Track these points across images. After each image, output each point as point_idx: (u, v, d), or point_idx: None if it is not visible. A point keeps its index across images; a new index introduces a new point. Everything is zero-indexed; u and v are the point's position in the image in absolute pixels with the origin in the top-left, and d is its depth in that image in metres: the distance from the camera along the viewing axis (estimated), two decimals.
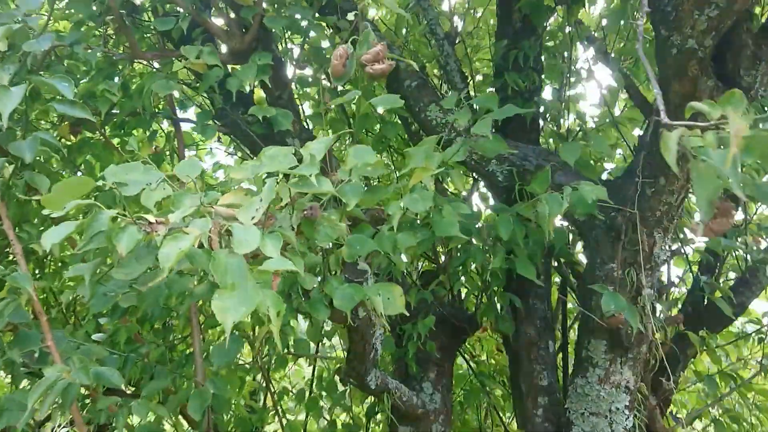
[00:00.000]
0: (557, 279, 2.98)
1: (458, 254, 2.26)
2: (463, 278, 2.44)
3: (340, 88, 2.44)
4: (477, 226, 1.96)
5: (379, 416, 2.95)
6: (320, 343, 3.17)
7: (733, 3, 1.61)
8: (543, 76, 2.75)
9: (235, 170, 1.43)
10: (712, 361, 2.90)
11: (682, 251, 2.56)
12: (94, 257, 1.47)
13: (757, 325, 2.85)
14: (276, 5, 2.36)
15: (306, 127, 2.64)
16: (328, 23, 2.49)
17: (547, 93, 3.02)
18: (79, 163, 2.93)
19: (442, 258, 2.90)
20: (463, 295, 2.88)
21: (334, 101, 1.43)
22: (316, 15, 2.51)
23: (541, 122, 2.74)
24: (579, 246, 2.75)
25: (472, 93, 2.78)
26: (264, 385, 2.81)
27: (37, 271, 2.86)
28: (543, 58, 2.73)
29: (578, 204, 1.67)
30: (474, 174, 2.91)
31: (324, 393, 3.03)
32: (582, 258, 2.64)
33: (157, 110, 2.67)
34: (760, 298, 2.76)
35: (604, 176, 2.54)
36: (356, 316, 1.77)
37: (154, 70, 2.75)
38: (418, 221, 1.92)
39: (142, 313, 2.33)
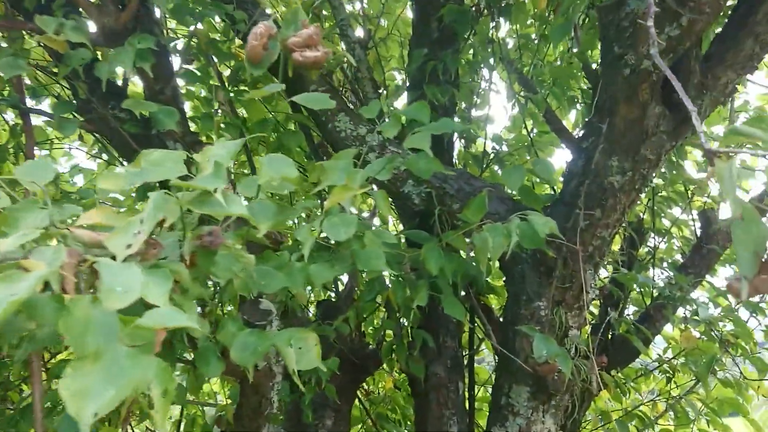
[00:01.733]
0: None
1: (369, 286, 1.98)
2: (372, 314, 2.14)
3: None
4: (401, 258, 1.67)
5: None
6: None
7: (696, 23, 1.47)
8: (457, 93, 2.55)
9: (104, 178, 1.04)
10: (613, 399, 2.82)
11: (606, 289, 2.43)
12: None
13: (656, 362, 2.81)
14: None
15: (190, 129, 2.23)
16: (224, 11, 2.12)
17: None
18: None
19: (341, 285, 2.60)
20: (362, 328, 2.58)
21: (255, 93, 1.07)
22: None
23: (456, 143, 2.53)
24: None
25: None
26: None
27: None
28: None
29: (525, 238, 1.44)
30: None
31: None
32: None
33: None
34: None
35: None
36: (255, 368, 1.41)
37: None
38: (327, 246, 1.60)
39: None
